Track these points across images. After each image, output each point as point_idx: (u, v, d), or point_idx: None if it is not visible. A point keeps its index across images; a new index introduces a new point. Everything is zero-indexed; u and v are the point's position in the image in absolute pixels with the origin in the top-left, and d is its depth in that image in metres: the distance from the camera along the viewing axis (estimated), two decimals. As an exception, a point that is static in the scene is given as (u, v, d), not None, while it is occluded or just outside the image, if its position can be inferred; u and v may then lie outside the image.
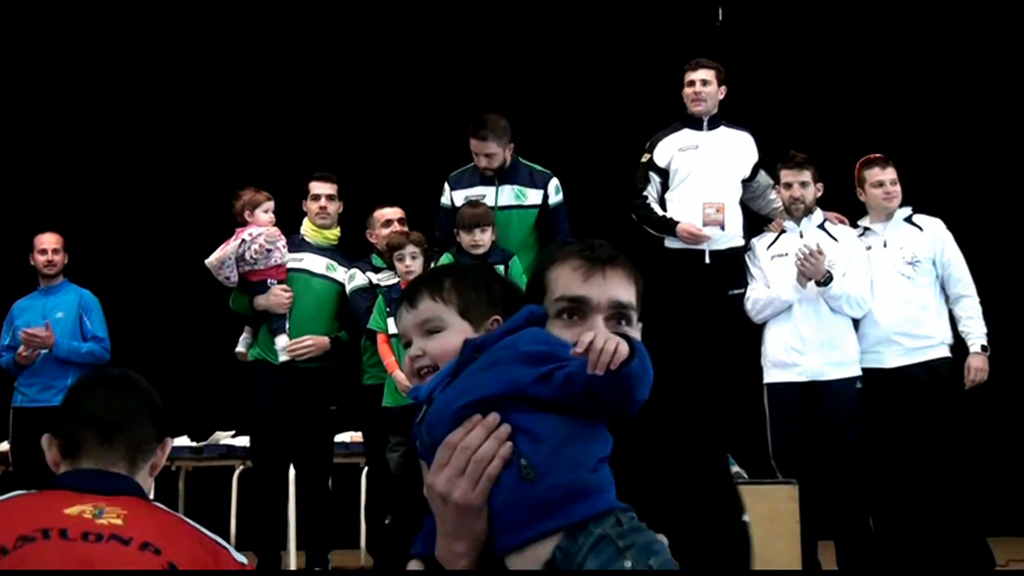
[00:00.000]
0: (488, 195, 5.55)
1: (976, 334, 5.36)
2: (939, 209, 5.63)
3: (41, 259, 6.49)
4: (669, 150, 5.67)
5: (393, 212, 5.88)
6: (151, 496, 2.18)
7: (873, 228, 5.53)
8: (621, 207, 5.79)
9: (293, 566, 6.04)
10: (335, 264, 5.80)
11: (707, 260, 5.53)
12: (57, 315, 6.36)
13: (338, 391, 5.82)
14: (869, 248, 5.47)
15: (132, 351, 6.47)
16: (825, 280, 5.27)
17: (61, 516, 1.92)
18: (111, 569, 1.86)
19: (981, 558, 5.27)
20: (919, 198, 5.63)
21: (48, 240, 6.51)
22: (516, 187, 5.58)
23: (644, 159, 5.72)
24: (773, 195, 5.74)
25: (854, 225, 5.59)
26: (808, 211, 5.47)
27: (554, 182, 5.60)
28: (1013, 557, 5.58)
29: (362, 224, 5.97)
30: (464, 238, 5.33)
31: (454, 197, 5.62)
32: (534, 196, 5.58)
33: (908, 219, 5.51)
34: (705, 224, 5.49)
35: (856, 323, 5.41)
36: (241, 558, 2.07)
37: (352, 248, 5.99)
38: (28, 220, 6.88)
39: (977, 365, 5.34)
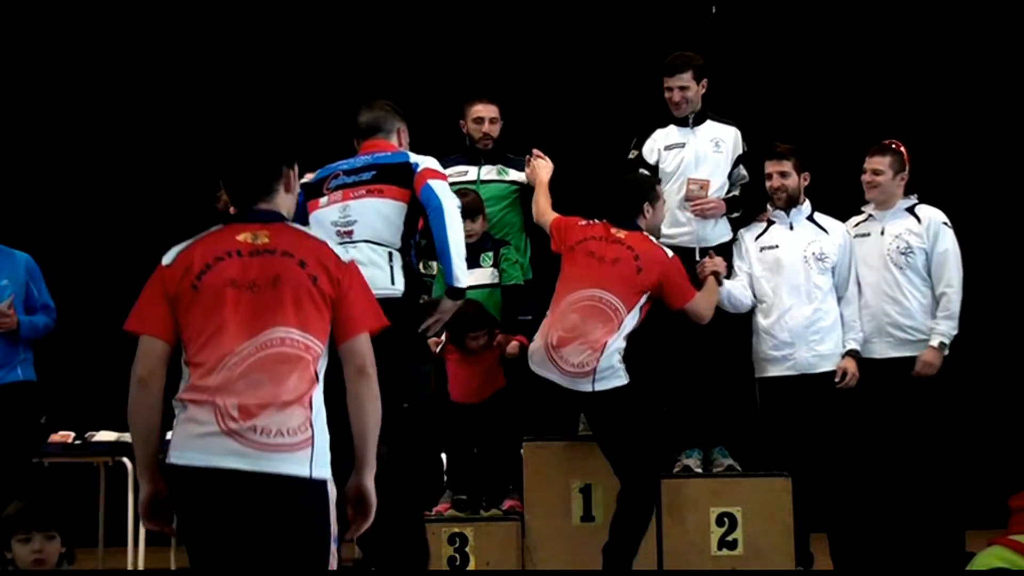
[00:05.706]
0: (470, 172, 5.61)
1: (940, 330, 5.35)
2: (938, 197, 5.64)
3: None
4: (656, 147, 5.63)
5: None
6: None
7: (874, 215, 5.56)
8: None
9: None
10: None
11: (698, 257, 5.54)
12: (2, 282, 5.62)
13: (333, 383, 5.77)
14: (868, 235, 5.52)
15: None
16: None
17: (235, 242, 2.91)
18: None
19: (957, 552, 5.33)
20: (917, 185, 5.62)
21: None
22: (499, 166, 5.66)
23: (632, 156, 5.69)
24: (738, 192, 5.70)
25: (858, 211, 5.63)
26: (793, 201, 5.47)
27: None
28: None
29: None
30: None
31: None
32: (515, 175, 5.67)
33: (910, 209, 5.52)
34: (687, 199, 5.50)
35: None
36: (342, 255, 2.98)
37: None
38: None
39: (928, 359, 5.33)
